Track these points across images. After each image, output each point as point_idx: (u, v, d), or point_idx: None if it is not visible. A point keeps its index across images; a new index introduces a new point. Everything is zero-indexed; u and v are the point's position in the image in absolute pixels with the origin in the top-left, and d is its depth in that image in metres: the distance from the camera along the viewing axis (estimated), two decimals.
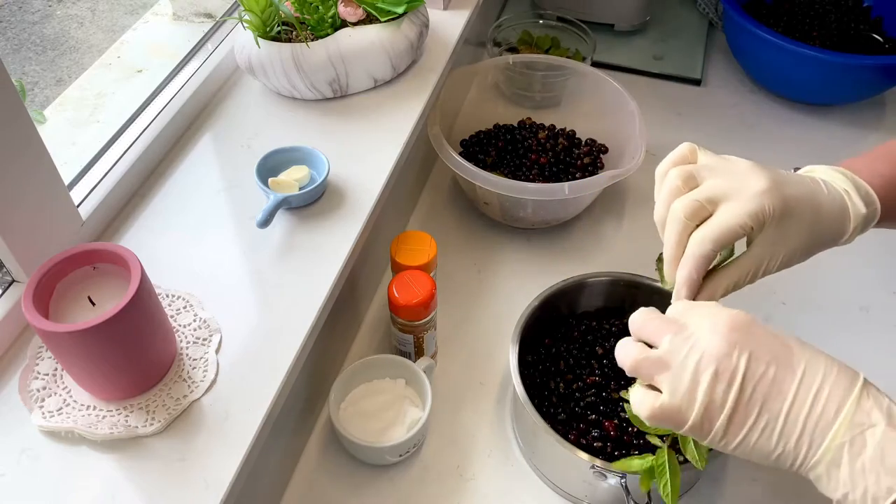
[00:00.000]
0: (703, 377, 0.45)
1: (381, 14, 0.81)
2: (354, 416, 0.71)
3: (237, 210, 0.72)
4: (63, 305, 0.53)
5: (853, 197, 0.54)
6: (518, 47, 1.17)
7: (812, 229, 0.53)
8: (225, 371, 0.59)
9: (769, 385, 0.44)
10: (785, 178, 0.52)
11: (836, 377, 0.45)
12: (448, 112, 0.96)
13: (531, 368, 0.75)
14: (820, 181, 0.54)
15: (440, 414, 0.76)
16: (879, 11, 1.16)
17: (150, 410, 0.56)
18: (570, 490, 0.70)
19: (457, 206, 0.98)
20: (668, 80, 1.18)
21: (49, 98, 1.08)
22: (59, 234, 0.62)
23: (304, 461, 0.73)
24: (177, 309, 0.63)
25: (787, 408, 0.44)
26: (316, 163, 0.74)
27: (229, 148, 0.78)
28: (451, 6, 0.98)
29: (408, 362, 0.73)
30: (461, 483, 0.71)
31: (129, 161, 0.71)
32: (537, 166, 0.95)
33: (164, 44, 1.02)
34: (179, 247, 0.68)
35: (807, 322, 0.85)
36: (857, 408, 0.43)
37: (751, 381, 0.44)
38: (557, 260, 0.91)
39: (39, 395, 0.56)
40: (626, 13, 1.23)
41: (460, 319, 0.85)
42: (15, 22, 1.49)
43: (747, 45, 1.12)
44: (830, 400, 0.44)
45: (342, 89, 0.83)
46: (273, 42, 0.78)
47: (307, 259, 0.68)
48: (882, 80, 1.06)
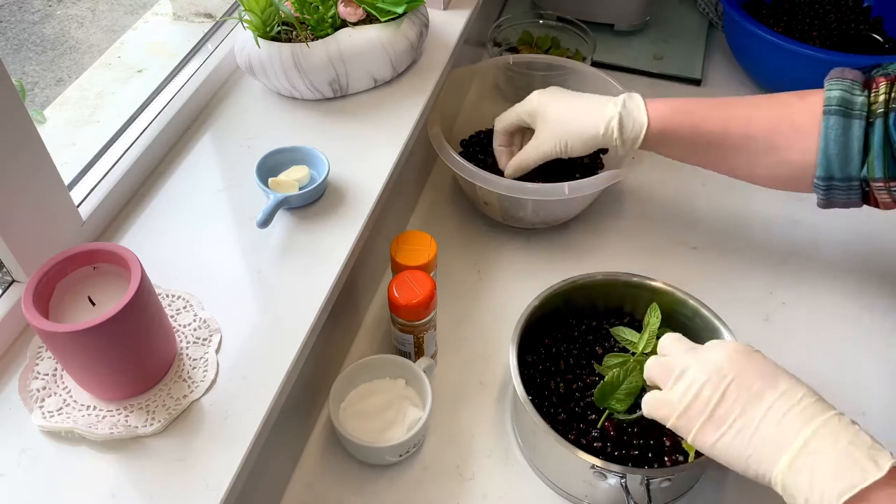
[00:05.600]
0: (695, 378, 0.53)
1: (381, 14, 0.81)
2: (354, 416, 0.71)
3: (237, 210, 0.72)
4: (63, 305, 0.53)
5: (617, 104, 0.76)
6: (518, 47, 1.17)
7: (561, 128, 0.79)
8: (225, 371, 0.59)
9: (751, 395, 0.51)
10: (551, 94, 0.82)
11: (810, 401, 0.51)
12: (448, 112, 0.96)
13: (531, 368, 0.75)
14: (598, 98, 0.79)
15: (440, 414, 0.76)
16: (879, 11, 1.16)
17: (150, 410, 0.56)
18: (570, 490, 0.70)
19: (457, 206, 0.98)
20: (668, 80, 1.18)
21: (49, 98, 1.08)
22: (59, 234, 0.62)
23: (304, 461, 0.73)
24: (177, 309, 0.63)
25: (763, 414, 0.50)
26: (316, 163, 0.74)
27: (229, 148, 0.78)
28: (451, 6, 0.98)
29: (408, 362, 0.73)
30: (461, 483, 0.71)
31: (130, 161, 0.71)
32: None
33: (164, 44, 1.02)
34: (179, 247, 0.68)
35: (807, 322, 0.85)
36: (824, 426, 0.49)
37: (736, 388, 0.51)
38: (557, 260, 0.91)
39: (39, 395, 0.56)
40: (626, 13, 1.23)
41: (460, 319, 0.85)
42: (15, 22, 1.49)
43: (747, 45, 1.12)
44: (803, 414, 0.50)
45: (342, 89, 0.83)
46: (273, 42, 0.78)
47: (307, 259, 0.68)
48: None
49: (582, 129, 0.78)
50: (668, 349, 0.59)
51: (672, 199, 0.99)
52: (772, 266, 0.91)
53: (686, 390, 0.53)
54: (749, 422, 0.51)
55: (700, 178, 1.01)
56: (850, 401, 0.78)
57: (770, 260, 0.91)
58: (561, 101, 0.80)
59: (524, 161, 0.83)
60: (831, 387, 0.80)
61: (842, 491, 0.46)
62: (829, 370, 0.80)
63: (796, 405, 0.50)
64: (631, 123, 0.75)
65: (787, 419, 0.50)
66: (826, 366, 0.81)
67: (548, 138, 0.80)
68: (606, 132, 0.76)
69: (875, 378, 0.80)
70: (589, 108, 0.78)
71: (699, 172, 0.80)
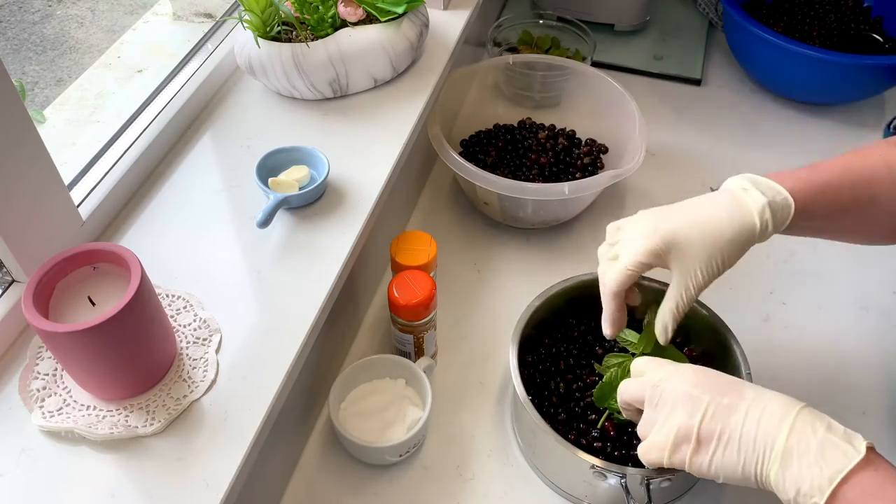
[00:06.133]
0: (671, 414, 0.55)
1: (381, 14, 0.81)
2: (354, 416, 0.71)
3: (237, 210, 0.72)
4: (63, 305, 0.53)
5: (751, 191, 0.60)
6: (518, 47, 1.17)
7: (707, 242, 0.60)
8: (225, 371, 0.59)
9: (725, 409, 0.53)
10: (668, 217, 0.62)
11: (780, 399, 0.53)
12: (448, 112, 0.96)
13: (531, 368, 0.75)
14: (718, 193, 0.62)
15: (440, 414, 0.76)
16: (879, 11, 1.16)
17: (150, 410, 0.56)
18: (570, 490, 0.70)
19: (457, 206, 0.98)
20: (668, 80, 1.18)
21: (49, 98, 1.08)
22: (59, 234, 0.62)
23: (304, 461, 0.73)
24: (177, 309, 0.63)
25: (742, 422, 0.53)
26: (316, 163, 0.74)
27: (229, 148, 0.78)
28: (451, 6, 0.98)
29: (408, 362, 0.73)
30: (461, 483, 0.71)
31: (130, 161, 0.71)
32: (537, 166, 0.95)
33: (164, 44, 1.02)
34: (179, 247, 0.68)
35: (807, 322, 0.85)
36: (798, 418, 0.52)
37: (711, 408, 0.54)
38: (557, 260, 0.91)
39: (39, 395, 0.56)
40: (626, 13, 1.23)
41: (460, 319, 0.85)
42: (15, 22, 1.49)
43: (747, 45, 1.12)
44: (777, 412, 0.52)
45: (342, 89, 0.83)
46: (273, 42, 0.78)
47: (307, 259, 0.68)
48: (882, 80, 1.06)
49: (734, 236, 0.60)
50: (627, 396, 0.60)
51: (672, 199, 0.99)
52: (772, 266, 0.91)
53: (668, 431, 0.55)
54: (732, 433, 0.53)
55: (700, 178, 1.01)
56: (850, 401, 0.78)
57: (770, 260, 0.91)
58: (686, 218, 0.61)
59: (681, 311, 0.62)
60: (831, 387, 0.80)
61: (831, 476, 0.49)
62: (829, 370, 0.80)
63: (768, 406, 0.53)
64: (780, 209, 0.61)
65: (765, 419, 0.52)
66: (826, 366, 0.81)
67: (701, 267, 0.60)
68: (762, 226, 0.60)
69: (875, 378, 0.80)
70: (726, 210, 0.61)
71: (699, 172, 0.80)
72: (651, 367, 0.60)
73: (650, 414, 0.57)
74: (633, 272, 0.61)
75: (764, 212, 0.59)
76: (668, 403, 0.56)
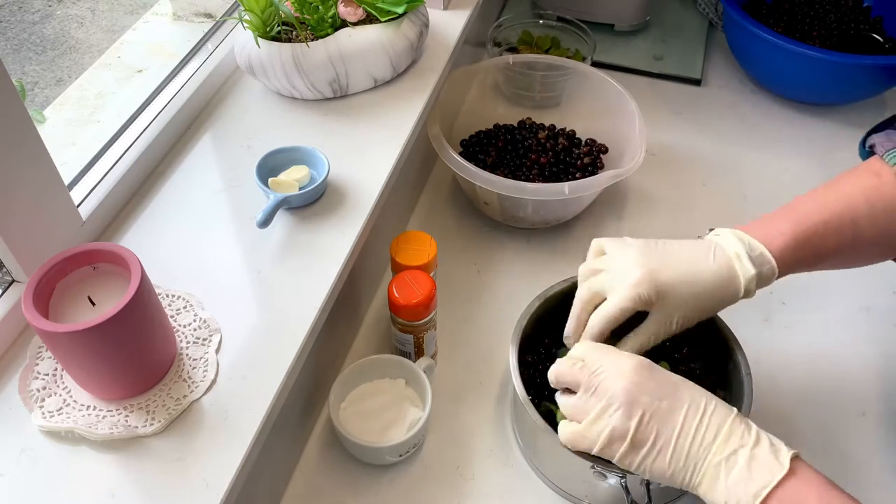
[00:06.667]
0: (609, 414, 0.56)
1: (381, 14, 0.81)
2: (354, 416, 0.71)
3: (237, 210, 0.72)
4: (63, 305, 0.53)
5: (743, 260, 0.61)
6: (518, 47, 1.17)
7: (692, 300, 0.61)
8: (225, 371, 0.59)
9: (662, 415, 0.55)
10: (661, 265, 0.61)
11: (715, 409, 0.55)
12: (448, 112, 0.96)
13: (531, 368, 0.74)
14: (711, 249, 0.63)
15: (440, 414, 0.76)
16: (879, 11, 1.16)
17: (150, 410, 0.56)
18: (570, 490, 0.70)
19: (457, 206, 0.98)
20: (668, 80, 1.18)
21: (49, 98, 1.08)
22: (59, 234, 0.62)
23: (304, 461, 0.73)
24: (177, 309, 0.63)
25: (677, 433, 0.54)
26: (316, 163, 0.74)
27: (229, 148, 0.78)
28: (451, 6, 0.98)
29: (408, 362, 0.73)
30: (461, 483, 0.71)
31: (130, 161, 0.71)
32: (537, 166, 0.95)
33: (164, 44, 1.02)
34: (179, 247, 0.68)
35: (807, 322, 0.85)
36: (730, 433, 0.54)
37: (648, 412, 0.55)
38: (557, 260, 0.91)
39: (39, 395, 0.56)
40: (626, 13, 1.23)
41: (460, 319, 0.85)
42: (15, 22, 1.49)
43: (747, 45, 1.12)
44: (710, 427, 0.54)
45: (342, 89, 0.83)
46: (273, 42, 0.78)
47: (307, 259, 0.68)
48: (882, 80, 1.06)
49: (720, 303, 0.63)
50: (563, 380, 0.61)
51: (672, 199, 0.99)
52: None
53: (602, 429, 0.56)
54: (666, 442, 0.54)
55: (700, 178, 1.01)
56: (850, 401, 0.78)
57: None
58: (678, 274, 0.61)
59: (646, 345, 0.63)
60: (831, 387, 0.80)
61: (756, 492, 0.51)
62: (829, 370, 0.80)
63: (703, 415, 0.55)
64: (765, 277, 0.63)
65: (699, 433, 0.54)
66: (826, 366, 0.81)
67: (679, 320, 0.62)
68: (744, 294, 0.62)
69: (875, 378, 0.80)
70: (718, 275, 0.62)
71: (699, 172, 0.80)
72: (593, 355, 0.60)
73: (583, 400, 0.58)
74: (620, 320, 0.62)
75: (751, 283, 0.62)
76: (604, 396, 0.56)
